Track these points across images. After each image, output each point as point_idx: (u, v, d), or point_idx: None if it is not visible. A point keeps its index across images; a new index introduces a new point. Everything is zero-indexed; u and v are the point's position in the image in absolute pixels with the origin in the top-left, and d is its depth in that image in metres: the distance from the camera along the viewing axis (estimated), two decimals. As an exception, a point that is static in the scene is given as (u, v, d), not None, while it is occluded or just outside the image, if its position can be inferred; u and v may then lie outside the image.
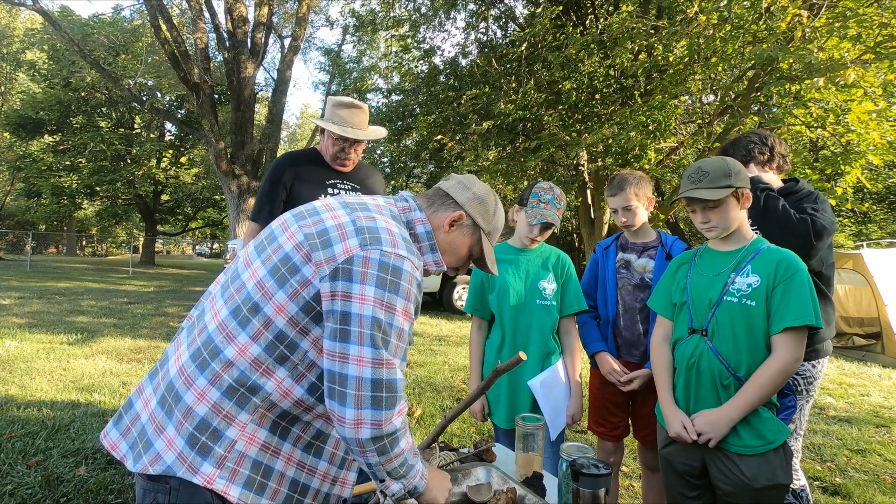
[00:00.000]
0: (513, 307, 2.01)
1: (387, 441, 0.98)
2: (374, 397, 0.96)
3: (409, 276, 1.01)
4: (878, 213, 16.53)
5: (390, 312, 0.98)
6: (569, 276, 2.06)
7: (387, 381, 0.97)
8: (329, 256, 1.00)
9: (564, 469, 1.27)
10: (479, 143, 8.40)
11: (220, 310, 1.05)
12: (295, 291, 1.00)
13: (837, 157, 6.11)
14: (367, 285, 0.97)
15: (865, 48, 5.31)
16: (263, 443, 1.02)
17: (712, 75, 6.53)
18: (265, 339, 1.00)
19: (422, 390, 4.46)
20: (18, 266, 18.48)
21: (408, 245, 1.05)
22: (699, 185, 1.51)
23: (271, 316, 1.00)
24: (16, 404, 3.56)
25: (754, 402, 1.44)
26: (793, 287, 1.43)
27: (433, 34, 10.43)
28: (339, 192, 2.15)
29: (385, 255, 1.00)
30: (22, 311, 7.65)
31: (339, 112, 2.09)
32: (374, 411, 0.96)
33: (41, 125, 20.81)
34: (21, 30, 24.48)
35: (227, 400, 0.99)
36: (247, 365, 0.99)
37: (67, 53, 17.01)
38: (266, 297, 1.01)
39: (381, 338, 0.97)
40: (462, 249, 1.23)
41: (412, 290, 1.03)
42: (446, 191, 1.22)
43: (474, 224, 1.22)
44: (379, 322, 0.97)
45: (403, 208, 1.18)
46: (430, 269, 1.18)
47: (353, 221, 1.04)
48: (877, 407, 4.49)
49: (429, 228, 1.17)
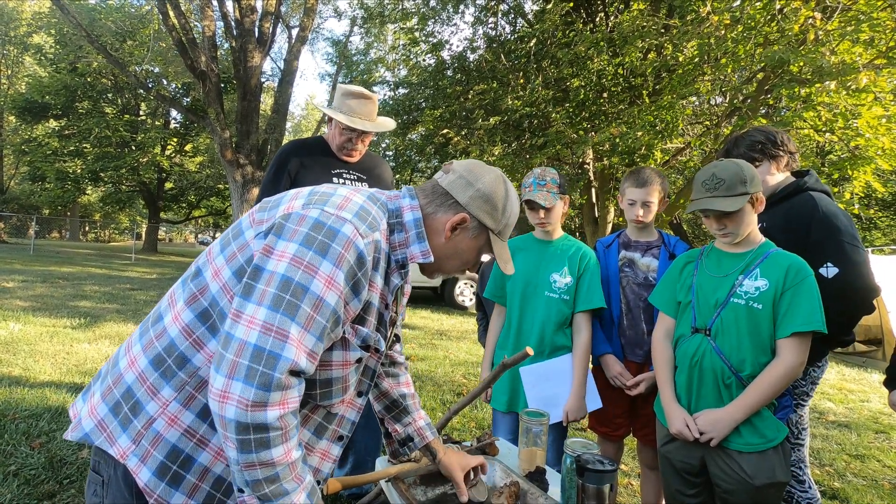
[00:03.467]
0: (520, 297, 2.01)
1: (252, 436, 0.80)
2: (250, 368, 0.79)
3: (346, 240, 0.88)
4: (882, 220, 16.46)
5: (308, 274, 0.84)
6: (586, 271, 2.00)
7: (270, 354, 0.80)
8: (270, 217, 0.92)
9: (569, 465, 1.27)
10: (485, 138, 8.37)
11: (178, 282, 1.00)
12: (232, 255, 0.92)
13: (845, 161, 6.08)
14: (292, 242, 0.85)
15: (878, 52, 5.27)
16: (187, 428, 0.89)
17: (722, 76, 6.48)
18: (199, 305, 0.91)
19: (423, 384, 4.47)
20: (22, 250, 18.54)
21: (364, 216, 0.93)
22: (715, 193, 1.49)
23: (208, 280, 0.92)
24: (19, 386, 3.58)
25: (758, 404, 1.45)
26: (802, 292, 1.43)
27: (441, 28, 10.40)
28: (345, 181, 2.12)
29: (324, 215, 0.89)
30: (25, 295, 7.69)
31: (348, 101, 2.05)
32: (245, 385, 0.78)
33: (47, 109, 20.82)
34: (29, 13, 24.44)
35: (152, 370, 0.90)
36: (177, 332, 0.90)
37: (74, 38, 16.96)
38: (208, 261, 0.94)
39: (286, 300, 0.82)
40: (469, 254, 1.10)
41: (346, 258, 0.87)
42: (446, 189, 1.06)
43: (481, 225, 1.07)
44: (289, 282, 0.83)
45: (392, 196, 1.07)
46: (416, 259, 1.04)
47: (310, 190, 0.96)
48: (876, 413, 4.49)
49: (418, 216, 1.04)
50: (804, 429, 1.82)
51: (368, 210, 0.95)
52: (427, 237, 1.04)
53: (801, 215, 1.74)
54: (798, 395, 1.80)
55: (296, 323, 0.82)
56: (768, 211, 1.85)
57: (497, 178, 1.08)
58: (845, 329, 1.72)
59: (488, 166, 1.10)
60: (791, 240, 1.71)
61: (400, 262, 1.03)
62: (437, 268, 1.10)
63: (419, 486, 1.37)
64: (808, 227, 1.71)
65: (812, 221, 1.71)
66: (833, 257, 1.65)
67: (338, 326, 0.90)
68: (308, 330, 0.84)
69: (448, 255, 1.08)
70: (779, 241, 1.68)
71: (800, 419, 1.81)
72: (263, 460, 0.82)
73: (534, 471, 1.44)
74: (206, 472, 0.91)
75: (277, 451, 0.83)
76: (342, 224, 0.88)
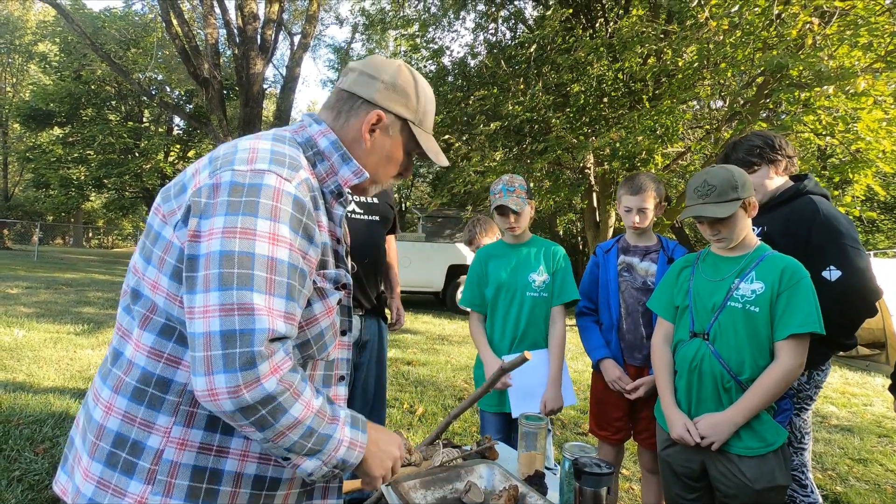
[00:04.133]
0: (506, 301, 2.08)
1: (264, 411, 0.74)
2: (225, 356, 0.72)
3: (273, 191, 0.79)
4: (885, 223, 16.42)
5: (247, 239, 0.75)
6: (559, 267, 2.10)
7: (242, 332, 0.72)
8: (181, 202, 0.83)
9: (567, 468, 1.29)
10: (486, 143, 8.41)
11: (119, 311, 0.92)
12: (160, 260, 0.84)
13: (846, 165, 6.09)
14: (216, 216, 0.77)
15: (876, 57, 5.29)
16: (201, 444, 0.84)
17: (721, 81, 6.51)
18: (155, 323, 0.84)
19: (424, 389, 4.48)
20: (26, 256, 18.63)
21: (280, 159, 0.84)
22: (706, 199, 1.51)
23: (151, 297, 0.84)
24: (24, 392, 3.60)
25: (758, 407, 1.45)
26: (798, 294, 1.44)
27: (442, 34, 10.46)
28: None
29: (237, 175, 0.79)
30: (29, 301, 7.73)
31: None
32: (228, 375, 0.71)
33: (51, 117, 20.98)
34: (33, 22, 24.70)
35: (136, 405, 0.83)
36: (145, 359, 0.83)
37: (79, 46, 17.15)
38: (140, 279, 0.86)
39: (236, 274, 0.74)
40: (396, 153, 1.01)
41: (282, 208, 0.79)
42: (350, 90, 0.97)
43: (399, 118, 0.98)
44: (230, 256, 0.74)
45: (297, 129, 0.97)
46: (351, 181, 0.96)
47: (209, 157, 0.87)
48: (879, 417, 4.47)
49: (333, 138, 0.95)
50: (807, 433, 1.83)
51: (282, 152, 0.86)
52: (351, 153, 0.97)
53: (802, 219, 1.75)
54: (801, 398, 1.81)
55: (256, 292, 0.74)
56: (768, 214, 1.86)
57: (401, 66, 1.00)
58: (848, 332, 1.72)
59: (389, 59, 1.02)
60: (791, 243, 1.72)
61: (336, 192, 0.96)
62: (372, 180, 1.02)
63: (419, 490, 1.38)
64: (808, 231, 1.72)
65: (813, 225, 1.72)
66: (835, 260, 1.66)
67: (306, 279, 0.84)
68: (273, 294, 0.76)
69: (375, 162, 1.00)
70: (779, 245, 1.69)
71: (803, 423, 1.82)
72: (288, 424, 0.76)
73: (533, 474, 1.45)
74: (240, 476, 0.86)
75: (296, 409, 0.77)
76: (261, 176, 0.80)
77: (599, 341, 2.10)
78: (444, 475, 1.39)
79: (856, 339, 1.77)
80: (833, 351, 1.79)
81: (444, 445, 1.59)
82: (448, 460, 1.49)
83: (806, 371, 1.79)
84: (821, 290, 1.60)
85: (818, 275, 1.66)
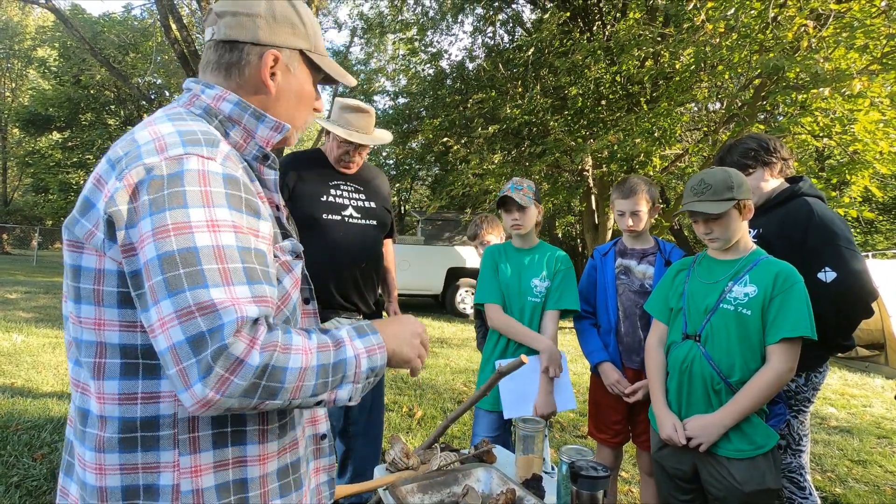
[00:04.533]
0: (509, 304, 2.08)
1: (264, 382, 0.68)
2: (198, 363, 0.65)
3: (196, 174, 0.71)
4: (883, 224, 16.45)
5: (183, 234, 0.67)
6: (557, 272, 2.09)
7: (210, 332, 0.65)
8: (94, 219, 0.73)
9: (564, 471, 1.29)
10: (485, 146, 8.44)
11: (70, 366, 0.84)
12: (96, 293, 0.75)
13: (843, 166, 6.11)
14: (142, 220, 0.68)
15: (872, 59, 5.31)
16: (216, 464, 0.78)
17: (718, 83, 6.55)
18: (111, 368, 0.75)
19: (423, 392, 4.48)
20: (25, 261, 18.62)
21: (192, 137, 0.75)
22: (702, 197, 1.53)
23: (102, 339, 0.75)
24: (22, 397, 3.60)
25: (747, 410, 1.46)
26: (790, 299, 1.45)
27: (440, 38, 10.53)
28: (343, 192, 2.15)
29: (151, 169, 0.70)
30: (28, 306, 7.72)
31: (345, 115, 2.10)
32: (204, 379, 0.65)
33: (50, 122, 21.02)
34: (33, 27, 24.76)
35: (130, 454, 0.75)
36: (117, 406, 0.75)
37: (78, 51, 17.20)
38: (81, 327, 0.77)
39: (183, 276, 0.66)
40: (305, 87, 0.93)
41: (213, 191, 0.71)
42: (228, 39, 0.86)
43: (294, 51, 0.89)
44: (170, 257, 0.66)
45: (188, 101, 0.86)
46: (274, 139, 0.89)
47: (107, 160, 0.76)
48: (879, 418, 4.47)
49: (235, 99, 0.86)
50: (805, 435, 1.83)
51: (190, 130, 0.77)
52: (260, 107, 0.88)
53: (797, 221, 1.76)
54: (799, 401, 1.81)
55: (212, 287, 0.66)
56: (764, 217, 1.87)
57: None
58: (845, 333, 1.73)
59: None
60: (787, 245, 1.73)
61: (260, 157, 0.88)
62: (294, 128, 0.95)
63: (417, 494, 1.38)
64: (804, 233, 1.73)
65: (808, 227, 1.73)
66: (830, 262, 1.67)
67: (265, 257, 0.76)
68: (231, 284, 0.68)
69: (287, 107, 0.91)
70: (775, 247, 1.70)
71: (801, 425, 1.82)
72: (296, 377, 0.70)
73: (530, 478, 1.46)
74: (264, 477, 0.83)
75: (294, 360, 0.70)
76: (180, 162, 0.71)
77: (598, 344, 2.11)
78: (441, 479, 1.40)
79: (853, 341, 1.77)
80: (831, 353, 1.79)
81: (442, 449, 1.59)
82: (446, 464, 1.50)
83: (803, 374, 1.79)
84: (817, 291, 1.61)
85: (814, 277, 1.66)
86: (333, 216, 2.07)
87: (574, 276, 2.11)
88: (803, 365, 1.76)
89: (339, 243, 2.06)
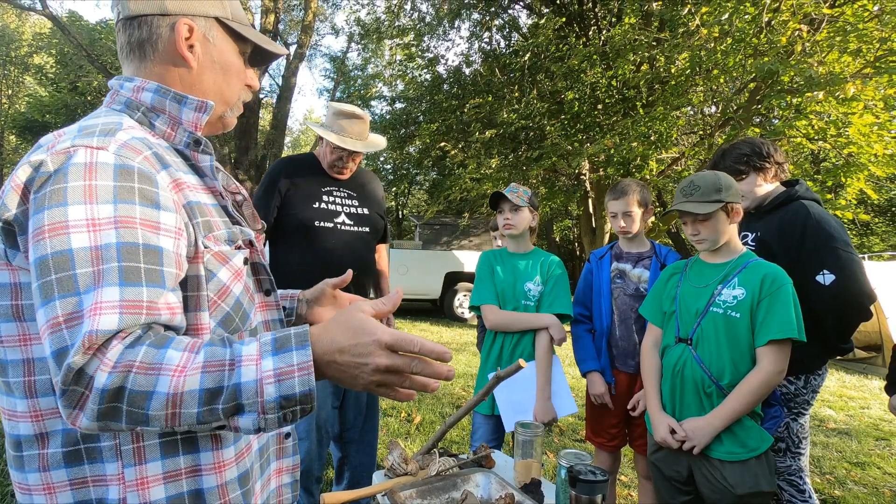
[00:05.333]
0: (504, 307, 2.09)
1: (126, 407, 0.60)
2: (62, 377, 0.59)
3: (83, 168, 0.65)
4: (879, 226, 16.54)
5: (58, 236, 0.62)
6: (551, 277, 2.10)
7: (74, 346, 0.59)
8: None
9: (563, 476, 1.29)
10: (482, 151, 8.46)
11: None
12: (13, 308, 0.71)
13: (838, 169, 6.15)
14: (29, 220, 0.64)
15: (865, 62, 5.36)
16: (165, 474, 0.73)
17: (714, 87, 6.59)
18: (43, 383, 0.71)
19: (422, 397, 4.47)
20: (21, 268, 18.56)
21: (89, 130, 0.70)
22: (690, 198, 1.56)
23: (21, 356, 0.71)
24: None
25: (737, 412, 1.48)
26: (778, 301, 1.47)
27: (437, 43, 10.54)
28: (335, 198, 2.15)
29: (37, 166, 0.66)
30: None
31: (339, 121, 2.09)
32: (64, 395, 0.59)
33: (47, 128, 20.97)
34: (30, 34, 24.77)
35: (77, 468, 0.71)
36: (59, 420, 0.71)
37: (75, 58, 17.21)
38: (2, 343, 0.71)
39: (54, 282, 0.61)
40: (230, 59, 0.86)
41: (98, 185, 0.65)
42: (135, 14, 0.79)
43: (210, 19, 0.83)
44: (44, 262, 0.61)
45: (109, 100, 0.82)
46: (200, 121, 0.83)
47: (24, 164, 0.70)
48: (877, 420, 4.48)
49: (154, 85, 0.80)
50: (805, 437, 1.84)
51: (92, 123, 0.72)
52: (184, 88, 0.82)
53: (795, 224, 1.78)
54: (798, 403, 1.82)
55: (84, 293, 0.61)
56: (762, 220, 1.89)
57: None
58: (843, 335, 1.74)
59: None
60: (786, 248, 1.75)
61: (193, 142, 0.83)
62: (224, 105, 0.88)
63: (416, 499, 1.38)
64: (801, 235, 1.75)
65: (805, 230, 1.74)
66: (829, 265, 1.68)
67: (161, 253, 0.68)
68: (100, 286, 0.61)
69: (212, 80, 0.85)
70: (775, 250, 1.73)
71: (800, 428, 1.83)
72: (163, 403, 0.60)
73: (529, 483, 1.45)
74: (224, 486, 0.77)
75: (162, 383, 0.60)
76: (66, 156, 0.65)
77: (590, 353, 2.12)
78: (440, 484, 1.40)
79: (852, 343, 1.79)
80: (829, 355, 1.80)
81: (441, 454, 1.59)
82: (444, 469, 1.49)
83: (802, 376, 1.80)
84: (816, 294, 1.63)
85: (812, 279, 1.68)
86: (326, 223, 2.07)
87: (567, 281, 2.12)
88: (802, 367, 1.77)
89: (332, 250, 2.06)
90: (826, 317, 1.66)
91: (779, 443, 1.82)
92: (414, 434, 3.57)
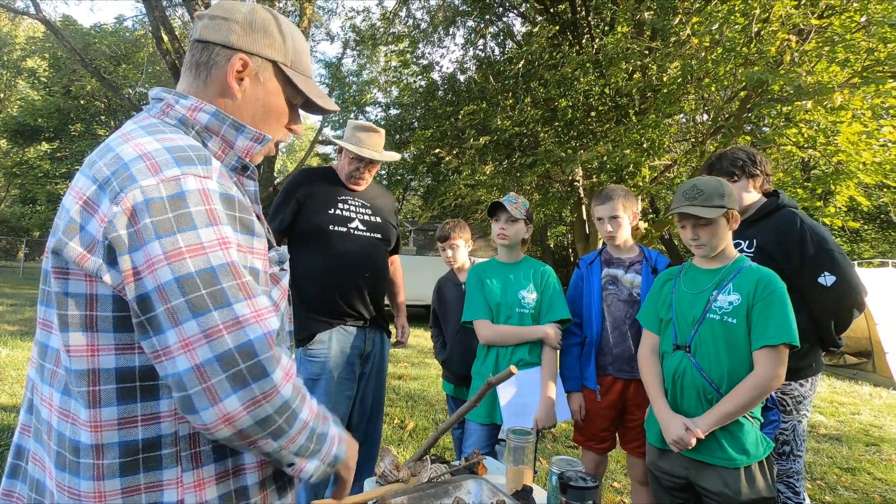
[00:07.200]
0: (500, 319, 2.09)
1: (281, 421, 0.72)
2: (231, 377, 0.67)
3: (197, 194, 0.71)
4: (869, 233, 16.72)
5: (198, 255, 0.69)
6: (547, 285, 2.12)
7: (240, 348, 0.68)
8: (89, 243, 0.71)
9: (554, 482, 1.29)
10: (476, 157, 8.50)
11: (49, 395, 0.79)
12: (89, 319, 0.73)
13: (828, 176, 6.22)
14: (147, 245, 0.68)
15: (853, 72, 5.45)
16: (217, 475, 0.80)
17: (705, 95, 6.66)
18: (108, 395, 0.73)
19: (415, 403, 4.46)
20: (11, 272, 18.35)
21: (184, 156, 0.74)
22: (694, 202, 1.55)
23: (94, 366, 0.73)
24: (7, 412, 3.53)
25: (729, 414, 1.47)
26: (772, 306, 1.47)
27: (432, 50, 10.60)
28: (350, 206, 2.25)
29: (150, 191, 0.69)
30: (14, 319, 7.60)
31: (357, 134, 2.24)
32: (241, 392, 0.68)
33: (39, 132, 20.86)
34: (22, 38, 24.63)
35: (132, 477, 0.74)
36: (118, 434, 0.73)
37: (68, 62, 17.14)
38: (68, 355, 0.74)
39: (206, 297, 0.68)
40: (276, 102, 0.90)
41: (215, 208, 0.73)
42: (203, 39, 0.85)
43: (268, 61, 0.87)
44: (189, 279, 0.67)
45: (161, 112, 0.84)
46: (255, 150, 0.88)
47: (93, 180, 0.73)
48: (867, 426, 4.51)
49: (212, 109, 0.84)
50: (804, 440, 1.90)
51: (179, 146, 0.76)
52: (237, 116, 0.86)
53: (791, 230, 1.85)
54: (805, 405, 1.88)
55: (235, 304, 0.69)
56: (753, 228, 1.95)
57: (256, 6, 0.89)
58: (843, 330, 1.86)
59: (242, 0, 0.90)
60: (786, 254, 1.82)
61: (240, 167, 0.88)
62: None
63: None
64: (800, 241, 1.82)
65: (803, 235, 1.82)
66: (828, 266, 1.78)
67: (259, 275, 0.80)
68: (251, 297, 0.72)
69: (253, 117, 0.88)
70: (775, 256, 1.78)
71: (804, 430, 1.90)
72: (299, 429, 0.75)
73: (521, 489, 1.45)
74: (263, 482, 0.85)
75: (304, 412, 0.76)
76: (178, 183, 0.71)
77: (573, 372, 2.12)
78: (431, 491, 1.39)
79: (843, 341, 1.89)
80: (824, 349, 1.90)
81: (433, 461, 1.59)
82: (436, 476, 1.49)
83: (809, 378, 1.87)
84: (819, 295, 1.74)
85: (815, 281, 1.78)
86: (340, 227, 2.17)
87: (560, 287, 2.15)
88: (809, 369, 1.86)
89: (345, 253, 2.16)
90: (830, 315, 1.79)
91: (784, 446, 1.86)
92: (407, 441, 3.56)
